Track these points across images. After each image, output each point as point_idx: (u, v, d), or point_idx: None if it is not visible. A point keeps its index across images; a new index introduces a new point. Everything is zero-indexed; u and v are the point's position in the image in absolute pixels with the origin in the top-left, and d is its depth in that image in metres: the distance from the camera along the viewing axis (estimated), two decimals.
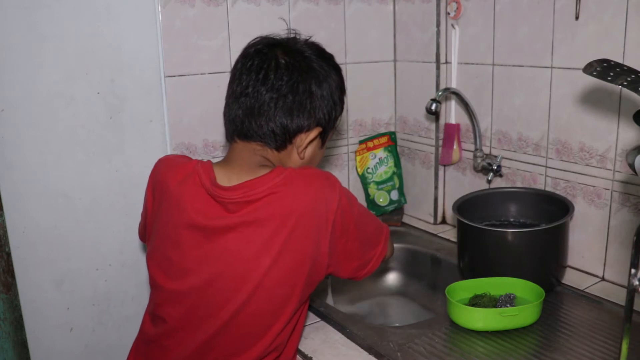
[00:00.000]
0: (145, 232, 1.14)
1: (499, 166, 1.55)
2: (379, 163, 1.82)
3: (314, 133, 1.04)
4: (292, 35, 1.08)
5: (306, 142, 1.04)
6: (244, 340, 0.99)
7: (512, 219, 1.47)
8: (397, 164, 1.84)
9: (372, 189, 1.83)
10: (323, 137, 1.09)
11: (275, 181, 0.97)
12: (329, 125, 1.07)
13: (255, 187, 0.96)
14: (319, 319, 1.25)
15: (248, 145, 1.02)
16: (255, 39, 1.06)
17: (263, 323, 0.99)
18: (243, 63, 1.02)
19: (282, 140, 1.02)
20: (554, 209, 1.35)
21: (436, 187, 1.77)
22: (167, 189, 1.03)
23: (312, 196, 0.97)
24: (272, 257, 0.95)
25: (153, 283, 1.06)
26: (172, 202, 1.02)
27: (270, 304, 0.98)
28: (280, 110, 0.99)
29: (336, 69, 1.08)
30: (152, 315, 1.07)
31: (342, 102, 1.10)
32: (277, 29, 1.59)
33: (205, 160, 1.05)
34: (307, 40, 1.08)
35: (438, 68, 1.67)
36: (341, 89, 1.09)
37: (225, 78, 1.52)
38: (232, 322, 0.98)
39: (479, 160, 1.59)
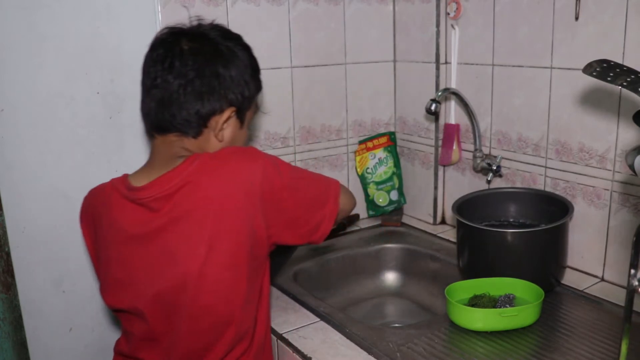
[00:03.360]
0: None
1: (498, 166, 1.55)
2: (378, 163, 1.82)
3: (227, 113, 1.02)
4: (196, 22, 1.05)
5: (220, 123, 1.02)
6: (210, 333, 0.99)
7: (511, 220, 1.47)
8: (397, 164, 1.84)
9: (372, 189, 1.83)
10: (240, 117, 1.06)
11: (189, 170, 0.96)
12: (243, 105, 1.04)
13: (170, 179, 0.96)
14: (319, 319, 1.25)
15: (166, 138, 1.01)
16: (162, 29, 1.04)
17: (222, 311, 0.99)
18: (150, 55, 1.01)
19: (197, 125, 1.00)
20: (553, 210, 1.35)
21: (436, 188, 1.77)
22: (98, 216, 1.03)
23: (229, 175, 0.96)
24: (207, 245, 0.94)
25: (113, 308, 1.06)
26: (104, 225, 1.02)
27: (221, 290, 0.97)
28: (190, 96, 0.97)
29: (245, 48, 1.06)
30: (124, 331, 1.09)
31: (255, 80, 1.07)
32: (278, 29, 1.59)
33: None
34: (211, 23, 1.06)
35: (438, 68, 1.67)
36: (252, 68, 1.06)
37: None
38: (192, 319, 0.98)
39: (478, 160, 1.59)
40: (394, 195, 1.83)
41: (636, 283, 0.71)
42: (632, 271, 0.70)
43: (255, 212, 0.97)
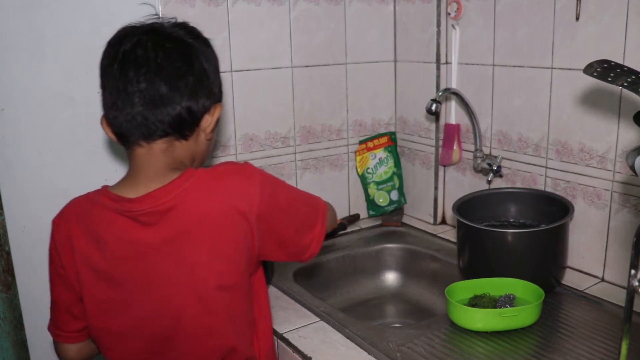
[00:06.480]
0: (74, 310, 1.04)
1: (499, 167, 1.55)
2: (379, 163, 1.82)
3: (218, 110, 1.00)
4: (155, 19, 1.01)
5: (214, 121, 0.99)
6: (213, 355, 0.98)
7: (512, 220, 1.47)
8: (397, 164, 1.84)
9: (372, 189, 1.83)
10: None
11: (185, 186, 0.92)
12: (221, 100, 1.03)
13: (164, 195, 0.92)
14: (319, 319, 1.25)
15: (152, 147, 0.94)
16: (120, 33, 0.98)
17: (223, 331, 0.97)
18: (123, 60, 0.93)
19: (191, 124, 0.96)
20: (553, 210, 1.35)
21: (436, 188, 1.77)
22: (74, 245, 0.98)
23: (225, 195, 0.93)
24: (205, 267, 0.93)
25: (104, 332, 1.00)
26: (86, 249, 0.96)
27: (221, 311, 0.96)
28: (184, 94, 0.93)
29: (210, 43, 1.03)
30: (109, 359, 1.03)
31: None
32: (279, 29, 1.59)
33: (100, 188, 1.00)
34: (175, 22, 1.01)
35: (438, 68, 1.67)
36: (218, 63, 1.04)
37: (225, 78, 1.54)
38: (193, 341, 0.96)
39: (479, 160, 1.59)
40: (394, 195, 1.83)
41: (636, 283, 0.71)
42: (632, 271, 0.70)
43: (250, 231, 0.95)
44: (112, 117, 0.94)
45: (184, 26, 1.01)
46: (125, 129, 0.94)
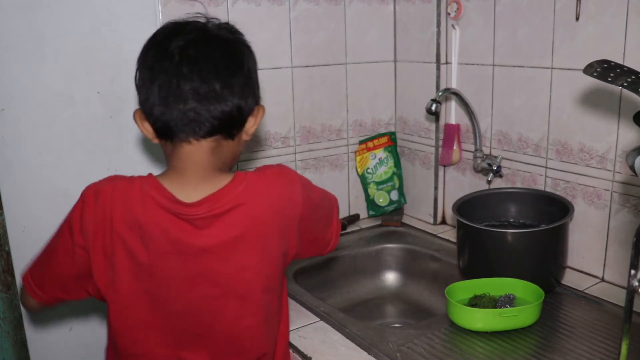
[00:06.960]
0: (79, 284, 1.01)
1: (498, 167, 1.55)
2: (379, 163, 1.82)
3: (261, 113, 1.00)
4: (199, 18, 1.00)
5: (257, 123, 0.99)
6: (247, 355, 0.99)
7: (511, 220, 1.47)
8: (397, 164, 1.84)
9: (372, 189, 1.83)
10: None
11: (239, 190, 0.94)
12: (260, 102, 1.02)
13: (219, 199, 0.93)
14: (319, 319, 1.25)
15: (202, 144, 0.93)
16: (165, 30, 0.97)
17: (259, 332, 0.98)
18: (175, 56, 0.92)
19: (239, 124, 0.96)
20: (553, 210, 1.35)
21: (436, 188, 1.77)
22: (116, 230, 0.95)
23: (274, 199, 0.96)
24: (253, 271, 0.95)
25: (128, 325, 0.98)
26: (129, 239, 0.94)
27: (261, 312, 0.98)
28: (236, 93, 0.93)
29: (250, 45, 1.03)
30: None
31: None
32: (279, 29, 1.59)
33: (146, 176, 0.97)
34: (219, 22, 1.00)
35: (438, 68, 1.67)
36: None
37: None
38: (229, 339, 0.97)
39: (478, 160, 1.59)
40: (394, 195, 1.83)
41: (636, 283, 0.71)
42: (632, 271, 0.71)
43: (291, 234, 0.98)
44: (159, 113, 0.91)
45: (230, 27, 1.01)
46: (174, 124, 0.92)
